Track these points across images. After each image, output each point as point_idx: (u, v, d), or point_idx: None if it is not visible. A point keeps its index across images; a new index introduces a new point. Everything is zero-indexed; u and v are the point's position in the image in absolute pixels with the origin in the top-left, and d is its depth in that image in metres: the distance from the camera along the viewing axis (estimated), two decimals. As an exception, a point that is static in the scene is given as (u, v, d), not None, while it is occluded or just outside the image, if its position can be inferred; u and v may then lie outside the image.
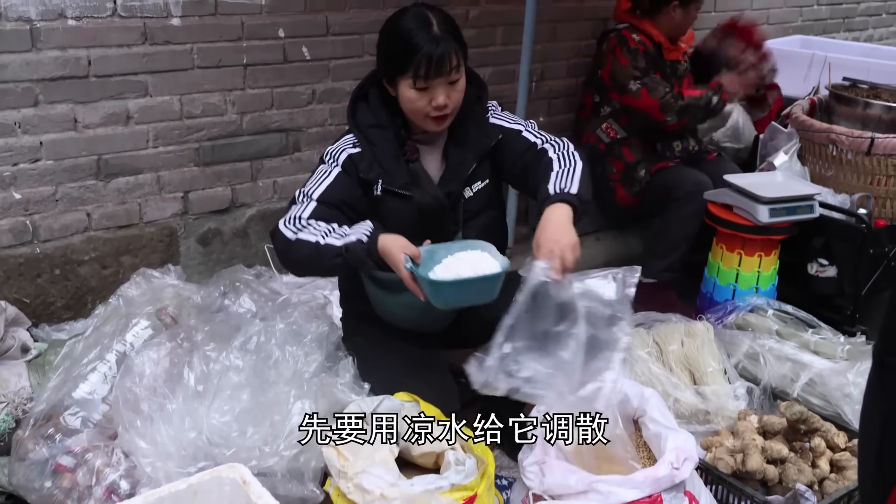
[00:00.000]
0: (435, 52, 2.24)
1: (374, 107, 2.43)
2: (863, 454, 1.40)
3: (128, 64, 2.88)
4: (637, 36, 3.75)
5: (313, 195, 2.34)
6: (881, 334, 1.33)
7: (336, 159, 2.39)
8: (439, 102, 2.30)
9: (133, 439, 2.05)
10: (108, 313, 2.52)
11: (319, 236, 2.22)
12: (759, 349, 3.07)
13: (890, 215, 3.64)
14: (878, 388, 1.31)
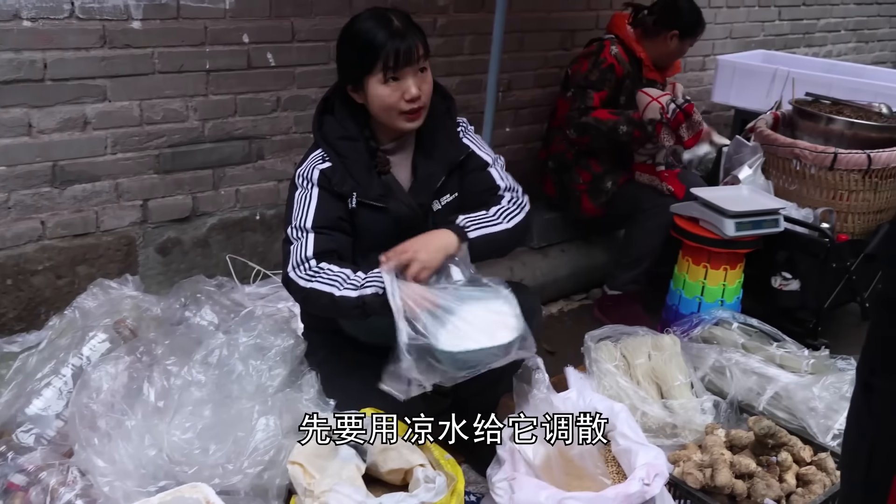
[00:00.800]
0: (401, 44, 2.23)
1: (342, 118, 2.39)
2: (848, 478, 1.38)
3: (85, 67, 2.80)
4: (616, 49, 3.77)
5: (307, 225, 2.31)
6: (865, 355, 1.30)
7: (310, 179, 2.34)
8: (412, 93, 2.28)
9: (90, 457, 1.97)
10: (63, 326, 2.43)
11: (335, 287, 2.21)
12: (726, 363, 3.08)
13: (851, 230, 3.67)
14: (865, 412, 1.28)
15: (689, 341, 3.21)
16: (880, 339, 1.27)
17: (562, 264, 4.04)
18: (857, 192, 3.60)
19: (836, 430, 2.83)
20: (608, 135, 3.66)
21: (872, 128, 3.69)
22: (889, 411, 1.22)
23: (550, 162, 3.96)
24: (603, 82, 3.73)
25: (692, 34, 3.85)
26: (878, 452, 1.23)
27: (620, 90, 3.79)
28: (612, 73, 3.74)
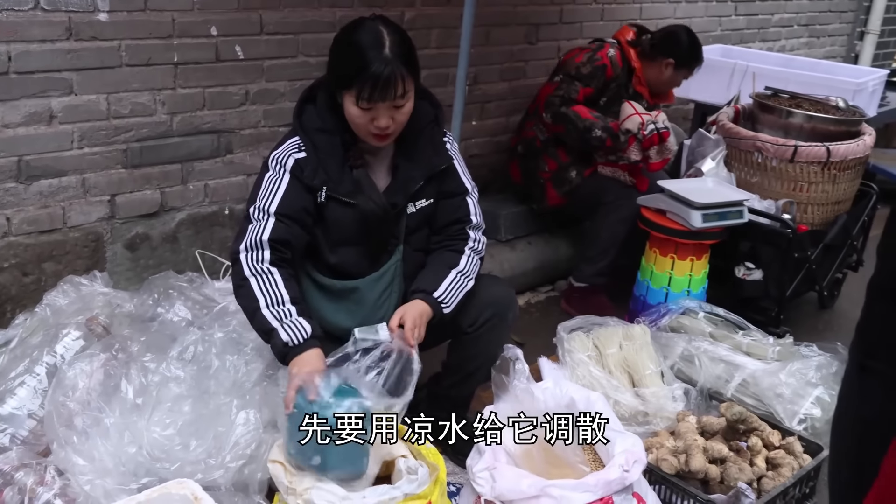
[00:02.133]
0: (381, 74, 2.20)
1: (322, 110, 2.38)
2: (835, 458, 1.41)
3: (51, 60, 2.75)
4: (613, 52, 3.80)
5: (269, 209, 2.30)
6: (860, 337, 1.33)
7: (283, 166, 2.33)
8: (381, 125, 2.28)
9: (69, 456, 1.94)
10: (34, 324, 2.39)
11: (264, 299, 2.21)
12: (694, 351, 3.15)
13: (811, 220, 3.75)
14: (858, 393, 1.31)
15: (658, 331, 3.27)
16: (877, 325, 1.30)
17: (529, 257, 4.07)
18: (816, 183, 3.68)
19: (801, 414, 2.91)
20: (582, 133, 3.68)
21: (830, 121, 3.78)
22: (883, 393, 1.25)
23: (520, 147, 3.99)
24: (592, 78, 3.76)
25: (688, 66, 3.90)
26: (870, 433, 1.25)
27: (605, 92, 3.83)
28: (602, 73, 3.77)
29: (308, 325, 2.19)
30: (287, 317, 2.19)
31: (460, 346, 2.59)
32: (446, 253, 2.51)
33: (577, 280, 3.87)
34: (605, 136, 3.65)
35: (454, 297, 2.41)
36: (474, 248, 2.54)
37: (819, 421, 2.88)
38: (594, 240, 3.83)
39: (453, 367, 2.65)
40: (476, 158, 4.10)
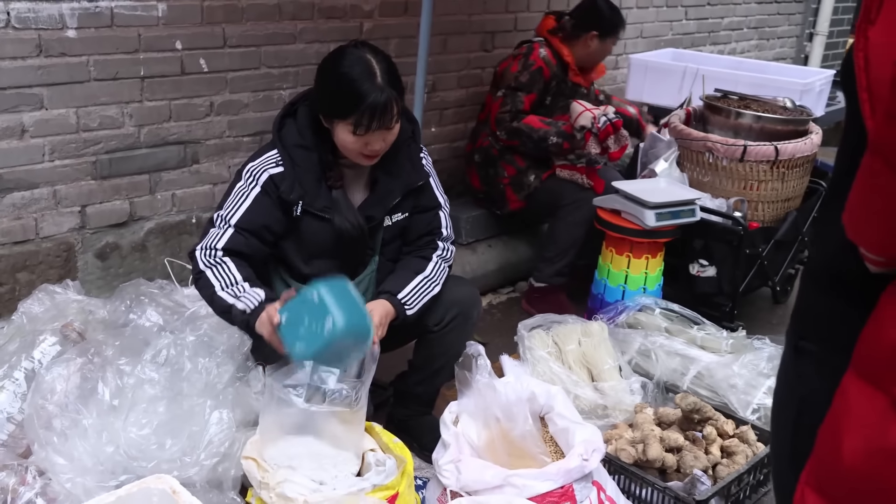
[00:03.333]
0: (379, 104, 2.29)
1: (302, 127, 2.45)
2: (776, 435, 1.47)
3: (22, 76, 2.82)
4: (545, 52, 3.89)
5: (231, 220, 2.38)
6: (794, 319, 1.41)
7: (256, 179, 2.41)
8: (375, 149, 2.38)
9: (49, 456, 2.02)
10: (11, 331, 2.46)
11: (220, 284, 2.33)
12: (651, 346, 3.24)
13: (762, 218, 3.86)
14: (793, 374, 1.39)
15: (616, 327, 3.36)
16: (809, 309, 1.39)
17: (489, 259, 4.17)
18: (766, 181, 3.80)
19: (755, 404, 3.00)
20: (538, 143, 3.78)
21: (778, 121, 3.89)
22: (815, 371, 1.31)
23: (476, 156, 4.08)
24: (532, 84, 3.85)
25: (612, 33, 3.99)
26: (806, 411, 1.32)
27: (547, 92, 3.92)
28: (540, 76, 3.87)
29: (261, 292, 2.31)
30: (241, 292, 2.31)
31: (426, 344, 2.68)
32: (415, 259, 2.61)
33: (538, 280, 3.96)
34: (561, 140, 3.76)
35: (418, 301, 2.50)
36: (442, 255, 2.63)
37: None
38: (553, 241, 3.92)
39: (419, 365, 2.74)
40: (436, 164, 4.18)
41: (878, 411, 1.09)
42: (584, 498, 2.32)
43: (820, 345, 1.33)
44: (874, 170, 1.03)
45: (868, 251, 1.14)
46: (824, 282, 1.33)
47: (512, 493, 2.23)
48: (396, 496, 2.12)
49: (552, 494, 2.27)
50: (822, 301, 1.33)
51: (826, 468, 1.19)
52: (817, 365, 1.32)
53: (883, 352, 1.10)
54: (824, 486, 1.19)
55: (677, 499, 2.50)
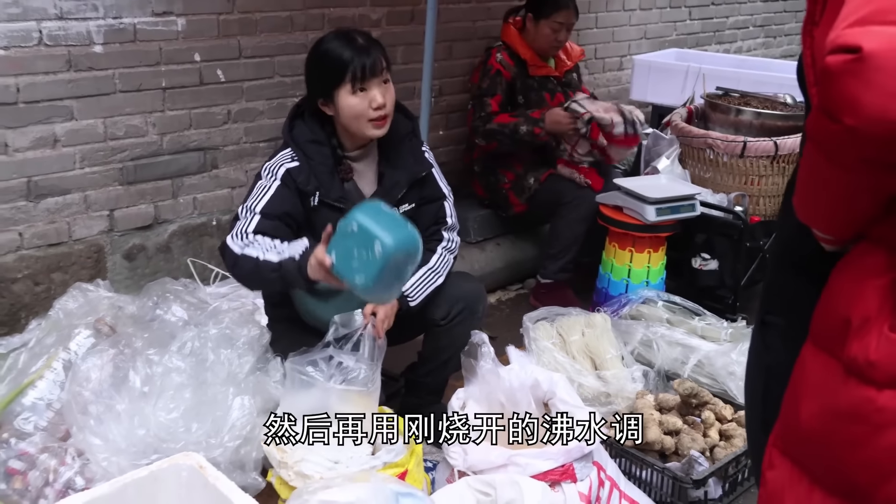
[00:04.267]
0: (366, 58, 2.47)
1: (311, 124, 2.60)
2: (749, 403, 1.58)
3: (54, 90, 2.98)
4: (501, 56, 3.99)
5: (256, 209, 2.49)
6: (762, 296, 1.52)
7: (275, 174, 2.53)
8: (378, 101, 2.51)
9: (87, 438, 2.19)
10: (48, 326, 2.63)
11: (261, 252, 2.38)
12: (652, 336, 3.32)
13: (763, 212, 3.95)
14: (761, 345, 1.49)
15: (619, 319, 3.44)
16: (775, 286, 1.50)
17: (497, 257, 4.26)
18: (766, 176, 3.88)
19: (752, 390, 3.13)
20: (511, 137, 3.88)
21: (778, 117, 3.99)
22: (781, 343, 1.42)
23: (476, 166, 4.21)
24: (495, 87, 3.96)
25: (544, 14, 3.95)
26: (772, 379, 1.41)
27: (514, 91, 4.02)
28: (500, 77, 3.97)
29: (304, 240, 2.39)
30: (284, 249, 2.38)
31: (434, 337, 2.79)
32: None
33: (543, 277, 4.04)
34: (531, 127, 3.84)
35: (421, 292, 2.63)
36: (447, 246, 2.75)
37: (768, 396, 3.10)
38: (556, 238, 3.99)
39: (428, 357, 2.85)
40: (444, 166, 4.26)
41: (830, 376, 1.19)
42: (584, 476, 2.41)
43: (784, 318, 1.44)
44: (812, 158, 1.16)
45: (818, 231, 1.26)
46: (786, 261, 1.44)
47: (515, 471, 2.33)
48: (406, 473, 2.26)
49: (553, 472, 2.35)
50: (785, 279, 1.44)
51: (788, 430, 1.29)
52: (782, 337, 1.43)
53: (834, 322, 1.20)
54: (788, 447, 1.29)
55: (675, 478, 2.57)
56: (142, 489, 1.87)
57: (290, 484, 2.22)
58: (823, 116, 1.04)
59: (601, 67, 5.35)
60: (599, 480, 2.48)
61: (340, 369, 2.29)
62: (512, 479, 2.30)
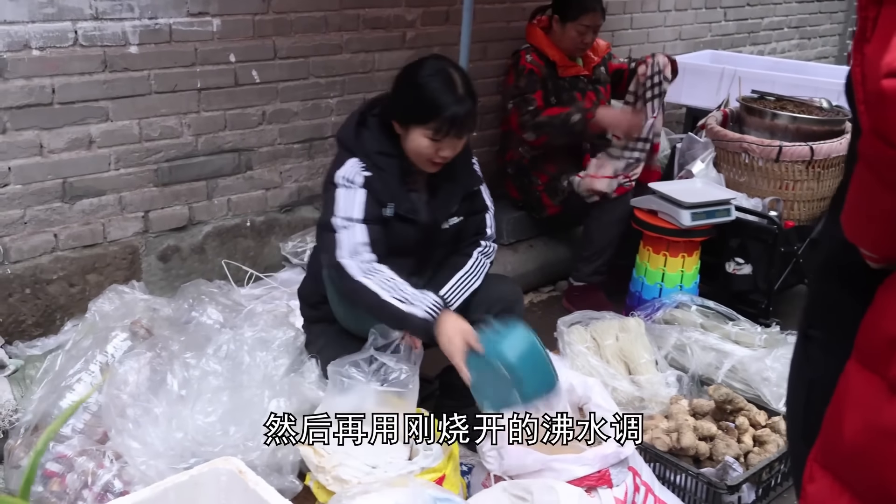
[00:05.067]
0: (459, 115, 2.44)
1: (379, 135, 2.56)
2: (791, 416, 1.54)
3: (89, 91, 3.00)
4: (530, 56, 3.98)
5: (354, 216, 2.47)
6: (804, 310, 1.50)
7: (355, 181, 2.51)
8: (446, 155, 2.52)
9: (125, 441, 2.20)
10: (85, 328, 2.64)
11: (385, 291, 2.39)
12: (686, 341, 3.30)
13: (797, 217, 3.92)
14: (803, 358, 1.46)
15: (653, 323, 3.43)
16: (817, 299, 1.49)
17: (530, 259, 4.26)
18: (801, 181, 3.86)
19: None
20: (563, 126, 3.83)
21: (814, 121, 3.95)
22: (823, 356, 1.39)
23: (509, 168, 4.19)
24: (533, 84, 3.94)
25: (571, 17, 3.92)
26: (814, 395, 1.38)
27: (547, 92, 4.00)
28: (535, 76, 3.96)
29: (432, 295, 2.42)
30: (412, 298, 2.39)
31: None
32: (456, 257, 2.72)
33: (576, 279, 4.03)
34: (583, 115, 3.80)
35: (458, 296, 2.62)
36: (484, 251, 2.75)
37: (804, 402, 3.08)
38: (590, 241, 3.97)
39: None
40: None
41: (874, 393, 1.17)
42: (620, 482, 2.41)
43: (827, 332, 1.40)
44: (864, 178, 1.14)
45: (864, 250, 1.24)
46: (831, 275, 1.41)
47: (551, 476, 2.33)
48: (443, 478, 2.26)
49: (590, 478, 2.36)
50: (829, 292, 1.41)
51: (830, 446, 1.27)
52: (824, 351, 1.39)
53: (880, 340, 1.18)
54: (829, 462, 1.27)
55: (710, 484, 2.57)
56: (182, 494, 1.87)
57: (327, 488, 2.22)
58: (877, 140, 1.02)
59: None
60: (635, 486, 2.48)
61: (381, 371, 2.31)
62: (548, 485, 2.30)
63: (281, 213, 3.69)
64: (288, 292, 3.30)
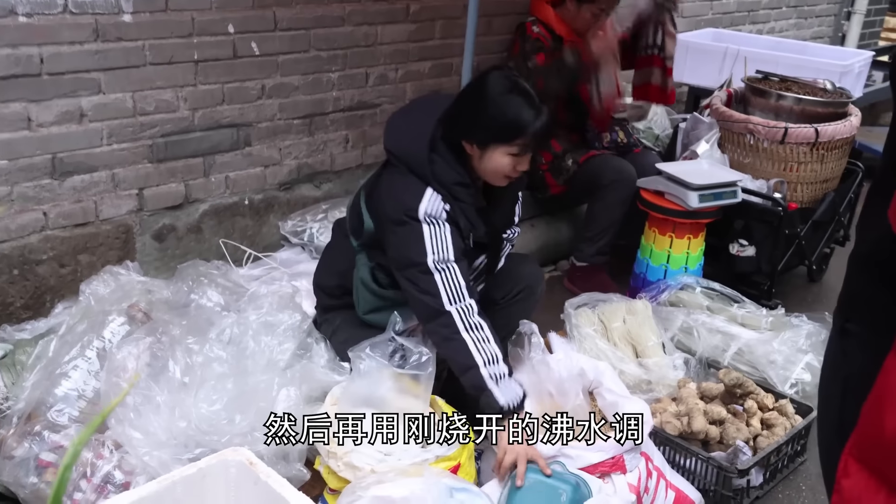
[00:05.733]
0: (541, 130, 2.38)
1: (451, 163, 2.46)
2: (824, 409, 1.55)
3: (80, 61, 2.86)
4: (537, 28, 3.90)
5: (450, 257, 2.39)
6: (840, 303, 1.47)
7: (439, 218, 2.42)
8: (523, 169, 2.47)
9: (126, 431, 2.10)
10: (79, 312, 2.53)
11: (480, 358, 2.32)
12: (693, 323, 3.31)
13: (800, 199, 3.90)
14: (840, 354, 1.45)
15: (658, 305, 3.42)
16: (855, 293, 1.45)
17: (532, 239, 4.21)
18: (805, 163, 3.83)
19: (793, 379, 3.09)
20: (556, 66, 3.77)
21: (819, 103, 3.93)
22: (861, 352, 1.38)
23: None
24: (539, 49, 3.87)
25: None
26: (851, 389, 1.38)
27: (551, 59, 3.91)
28: (541, 43, 3.88)
29: (520, 389, 2.36)
30: (502, 377, 2.33)
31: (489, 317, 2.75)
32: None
33: (579, 260, 4.00)
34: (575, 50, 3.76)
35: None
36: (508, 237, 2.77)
37: (809, 385, 3.07)
38: (594, 221, 3.94)
39: None
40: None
41: None
42: (633, 467, 2.42)
43: (865, 327, 1.40)
44: None
45: None
46: (870, 268, 1.39)
47: (566, 462, 2.30)
48: (458, 467, 2.19)
49: (604, 464, 2.36)
50: (868, 286, 1.39)
51: (869, 440, 1.25)
52: (862, 346, 1.39)
53: None
54: (866, 457, 1.25)
55: (720, 468, 2.59)
56: (189, 487, 1.78)
57: (339, 475, 2.15)
58: None
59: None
60: (647, 471, 2.50)
61: (400, 353, 2.26)
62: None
63: (280, 191, 3.58)
64: (288, 273, 3.21)
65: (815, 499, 2.75)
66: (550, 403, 2.53)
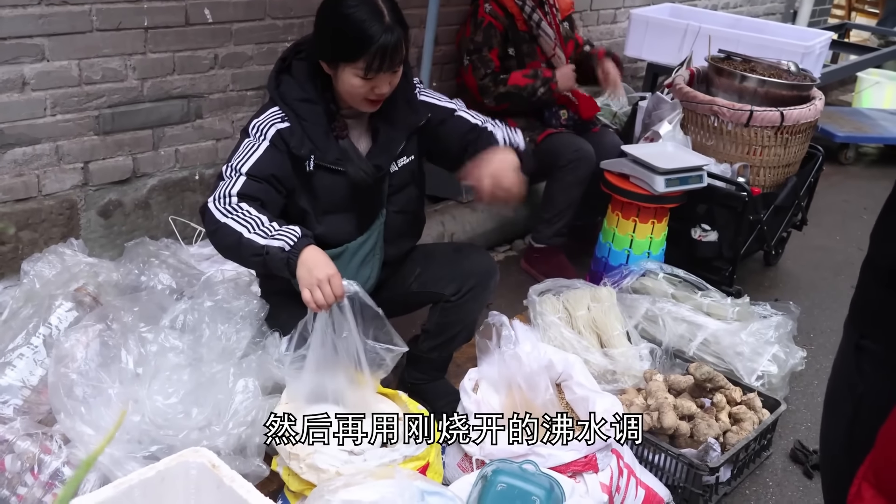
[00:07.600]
0: (389, 45, 2.23)
1: (301, 80, 2.39)
2: (831, 425, 1.50)
3: (22, 26, 2.69)
4: (489, 6, 3.77)
5: (242, 169, 2.30)
6: (854, 319, 1.42)
7: (264, 134, 2.34)
8: (383, 91, 2.33)
9: (75, 425, 1.97)
10: (22, 295, 2.37)
11: (245, 228, 2.19)
12: (658, 312, 3.25)
13: (762, 183, 3.86)
14: (854, 370, 1.40)
15: (621, 292, 3.35)
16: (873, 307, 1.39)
17: (488, 218, 4.14)
18: (769, 147, 3.78)
19: (759, 371, 3.05)
20: (528, 99, 3.73)
21: (783, 86, 3.87)
22: (876, 370, 1.34)
23: None
24: (490, 40, 3.75)
25: None
26: (865, 407, 1.34)
27: (507, 43, 3.81)
28: (493, 29, 3.76)
29: (297, 228, 2.19)
30: (273, 231, 2.18)
31: (443, 312, 2.66)
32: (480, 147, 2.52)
33: (537, 241, 3.91)
34: (547, 86, 3.72)
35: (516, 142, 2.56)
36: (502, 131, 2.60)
37: (775, 377, 3.04)
38: (551, 202, 3.86)
39: (435, 332, 2.71)
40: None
41: None
42: (605, 466, 2.37)
43: (882, 344, 1.35)
44: None
45: None
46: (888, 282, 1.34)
47: (538, 461, 2.22)
48: (427, 466, 2.11)
49: (576, 463, 2.30)
50: (886, 301, 1.35)
51: (886, 466, 1.21)
52: (878, 364, 1.35)
53: None
54: (882, 483, 1.22)
55: (691, 465, 2.54)
56: (147, 491, 1.66)
57: (301, 477, 2.05)
58: None
59: (595, 20, 5.15)
60: (619, 469, 2.45)
61: None
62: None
63: (232, 166, 3.43)
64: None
65: (782, 494, 2.73)
66: (520, 397, 2.46)
